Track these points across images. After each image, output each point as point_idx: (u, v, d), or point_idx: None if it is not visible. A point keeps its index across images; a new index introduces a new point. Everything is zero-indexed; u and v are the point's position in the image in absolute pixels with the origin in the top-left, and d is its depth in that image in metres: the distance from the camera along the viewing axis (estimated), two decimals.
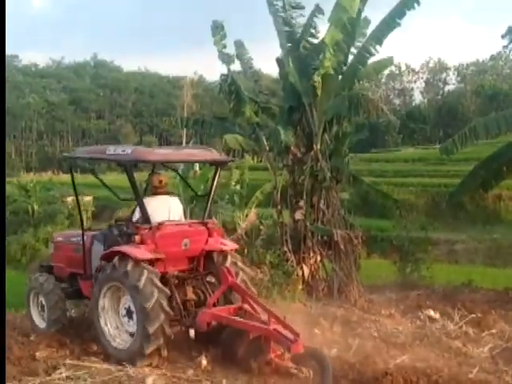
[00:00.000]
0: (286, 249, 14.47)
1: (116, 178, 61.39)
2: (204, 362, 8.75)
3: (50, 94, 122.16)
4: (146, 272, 8.69)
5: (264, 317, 8.65)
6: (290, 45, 15.33)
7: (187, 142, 74.91)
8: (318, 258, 14.46)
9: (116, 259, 8.93)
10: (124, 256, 8.89)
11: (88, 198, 48.05)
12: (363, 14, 15.08)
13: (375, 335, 10.79)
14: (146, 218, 9.33)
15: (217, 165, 10.20)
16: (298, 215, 14.69)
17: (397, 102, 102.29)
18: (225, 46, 15.67)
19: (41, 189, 51.37)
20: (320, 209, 14.74)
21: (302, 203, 14.73)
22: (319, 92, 14.68)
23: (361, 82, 16.70)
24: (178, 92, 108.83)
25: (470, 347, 10.10)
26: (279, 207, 15.16)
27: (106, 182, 11.03)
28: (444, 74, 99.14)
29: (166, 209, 9.84)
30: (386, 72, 55.88)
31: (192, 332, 9.09)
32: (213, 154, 10.03)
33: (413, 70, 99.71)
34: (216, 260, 9.85)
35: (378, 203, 22.56)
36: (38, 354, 9.41)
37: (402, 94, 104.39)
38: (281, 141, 14.14)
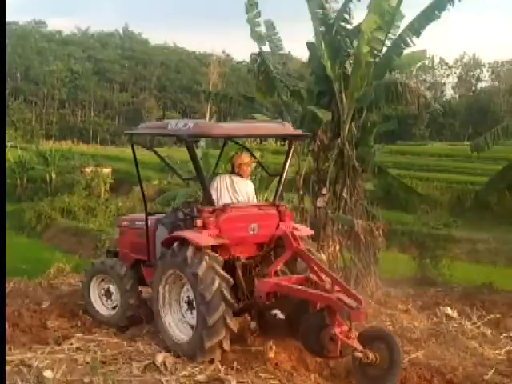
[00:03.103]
0: None
1: (137, 153, 61.93)
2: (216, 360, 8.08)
3: (75, 62, 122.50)
4: (206, 258, 7.97)
5: (329, 286, 8.01)
6: (323, 29, 15.07)
7: (210, 121, 74.99)
8: (337, 247, 14.28)
9: (176, 245, 8.31)
10: (184, 242, 8.22)
11: (107, 170, 48.36)
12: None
13: (390, 329, 10.60)
14: (209, 199, 8.61)
15: (291, 140, 9.26)
16: (320, 202, 14.51)
17: (427, 95, 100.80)
18: (258, 25, 15.50)
19: (60, 158, 51.61)
20: (343, 198, 14.54)
21: (324, 190, 14.54)
22: (350, 79, 14.45)
23: (392, 73, 16.39)
24: (204, 69, 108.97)
25: (487, 348, 9.86)
26: (301, 193, 15.01)
27: (124, 156, 10.72)
28: (478, 71, 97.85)
29: (234, 190, 9.15)
30: (418, 64, 55.60)
31: (253, 324, 8.48)
32: (286, 128, 9.05)
33: (446, 64, 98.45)
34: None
35: (402, 196, 22.36)
36: (49, 322, 9.50)
37: (432, 88, 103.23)
38: (320, 120, 13.91)
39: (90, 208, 39.68)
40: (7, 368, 7.33)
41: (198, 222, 8.28)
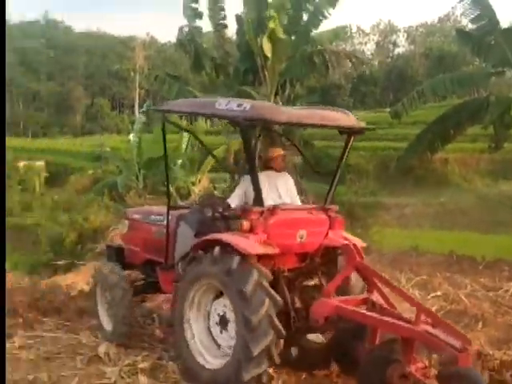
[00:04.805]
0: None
1: (70, 143, 60.80)
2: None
3: None
4: (255, 273, 6.51)
5: (397, 312, 6.60)
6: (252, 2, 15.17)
7: (140, 105, 74.23)
8: None
9: (217, 251, 6.75)
10: (227, 248, 6.70)
11: (40, 163, 47.55)
12: None
13: None
14: (259, 198, 7.01)
15: (352, 133, 7.63)
16: None
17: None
18: (195, 1, 15.51)
19: None
20: None
21: None
22: (269, 54, 14.62)
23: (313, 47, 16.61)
24: (130, 53, 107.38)
25: None
26: (232, 172, 15.18)
27: (57, 147, 10.23)
28: (394, 36, 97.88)
29: (274, 188, 7.71)
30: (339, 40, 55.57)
31: (295, 350, 7.09)
32: (350, 119, 7.46)
33: (363, 32, 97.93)
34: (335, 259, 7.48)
35: (329, 167, 22.71)
36: None
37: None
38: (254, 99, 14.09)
39: (26, 203, 39.13)
40: None
41: (245, 225, 6.83)
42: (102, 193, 23.48)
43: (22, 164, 47.40)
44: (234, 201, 7.59)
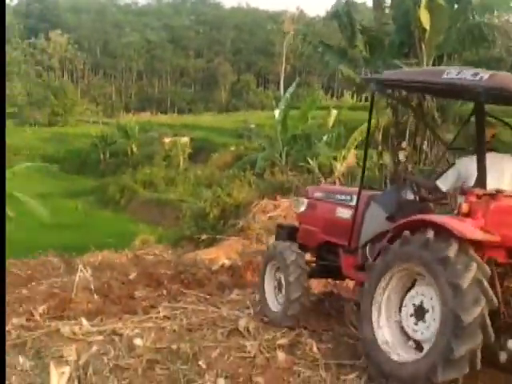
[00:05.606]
0: None
1: (214, 119, 62.10)
2: None
3: (150, 32, 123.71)
4: (474, 267, 5.75)
5: None
6: None
7: (285, 81, 74.69)
8: None
9: (431, 234, 6.00)
10: (441, 232, 5.97)
11: (185, 139, 48.87)
12: None
13: None
14: (482, 180, 6.31)
15: None
16: (400, 157, 14.11)
17: None
18: None
19: (139, 130, 52.49)
20: (423, 150, 14.14)
21: (404, 144, 14.14)
22: (428, 26, 13.92)
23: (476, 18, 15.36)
24: (278, 27, 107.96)
25: None
26: (380, 148, 14.68)
27: (201, 123, 10.18)
28: None
29: (496, 170, 6.59)
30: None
31: (504, 355, 6.19)
32: None
33: None
34: None
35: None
36: (137, 293, 9.58)
37: None
38: None
39: (170, 178, 40.39)
40: (99, 338, 7.39)
41: (464, 207, 6.16)
42: (244, 169, 23.59)
43: (167, 140, 48.92)
44: (445, 183, 6.79)
